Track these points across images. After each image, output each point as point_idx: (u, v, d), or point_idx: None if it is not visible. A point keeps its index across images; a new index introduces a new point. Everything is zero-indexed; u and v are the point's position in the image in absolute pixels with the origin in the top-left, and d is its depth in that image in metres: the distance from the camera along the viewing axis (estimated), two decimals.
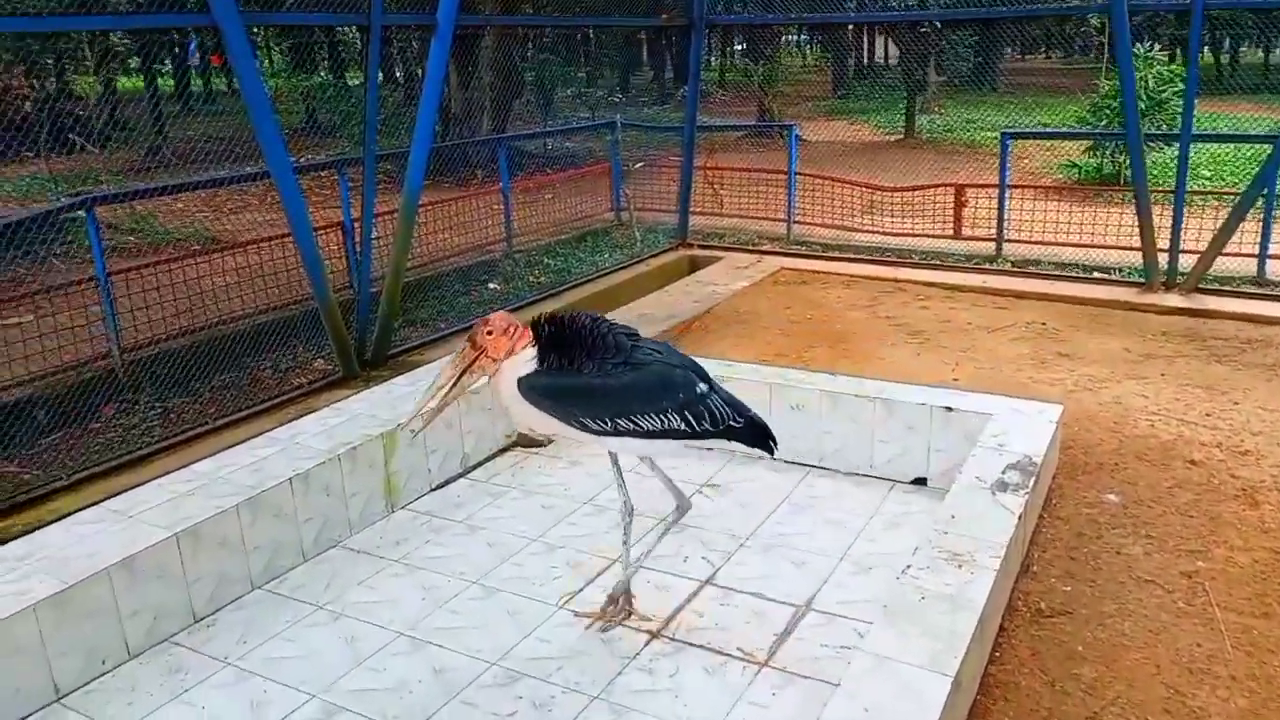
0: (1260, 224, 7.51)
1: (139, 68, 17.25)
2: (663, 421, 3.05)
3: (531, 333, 3.03)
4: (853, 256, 8.26)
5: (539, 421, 3.10)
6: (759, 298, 6.93)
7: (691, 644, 3.18)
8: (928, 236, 9.04)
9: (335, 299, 5.31)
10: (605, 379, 2.99)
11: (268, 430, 4.23)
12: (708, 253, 8.39)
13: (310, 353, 6.27)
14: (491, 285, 8.09)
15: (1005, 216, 8.38)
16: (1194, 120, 6.69)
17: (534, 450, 4.71)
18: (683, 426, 3.08)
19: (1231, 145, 12.31)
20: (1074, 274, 7.60)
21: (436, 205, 8.59)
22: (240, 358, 6.03)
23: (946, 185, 9.26)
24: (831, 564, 3.63)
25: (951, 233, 9.00)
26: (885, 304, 6.64)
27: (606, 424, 3.03)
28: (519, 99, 15.49)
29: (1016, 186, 9.07)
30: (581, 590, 3.51)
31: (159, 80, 18.86)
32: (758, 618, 3.31)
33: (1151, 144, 10.36)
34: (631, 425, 3.03)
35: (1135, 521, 3.80)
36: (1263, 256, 7.53)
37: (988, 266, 7.77)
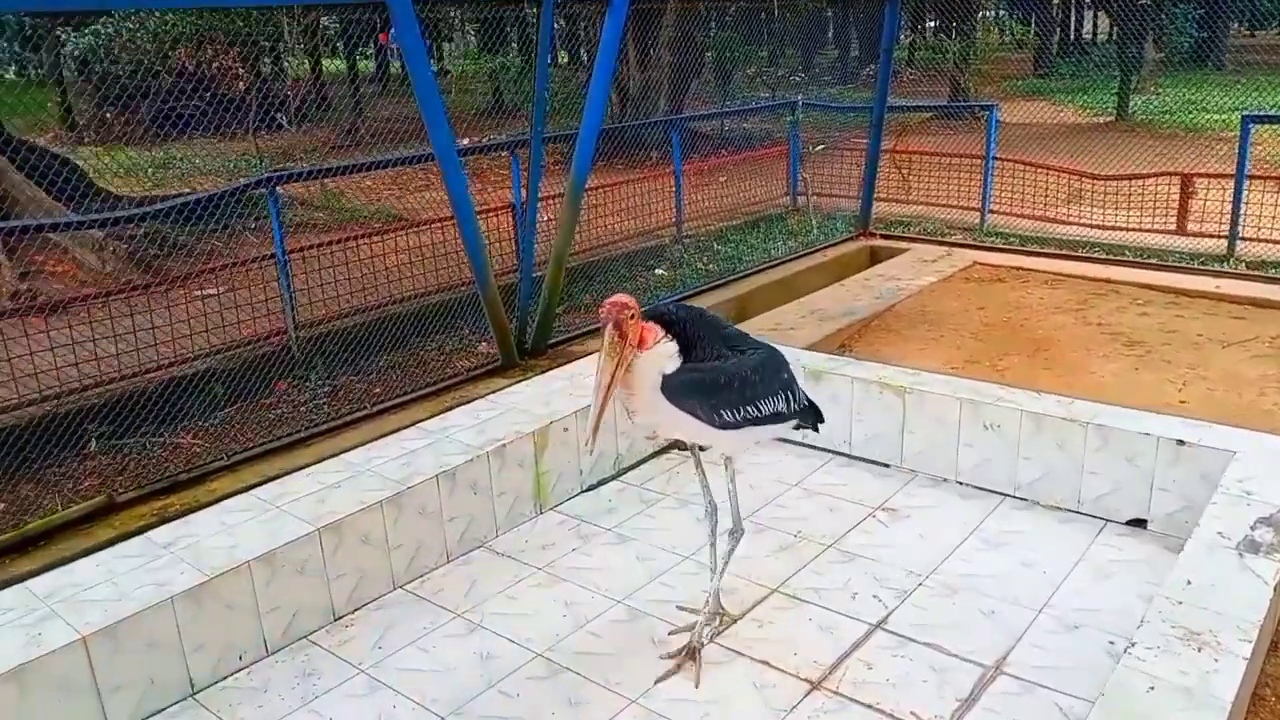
0: None
1: (344, 50, 18.06)
2: (774, 403, 2.87)
3: (662, 325, 2.71)
4: (1055, 252, 7.45)
5: (678, 423, 2.79)
6: (948, 295, 6.32)
7: (857, 701, 2.77)
8: (1145, 231, 8.06)
9: (497, 286, 5.17)
10: (740, 366, 2.76)
11: (421, 421, 4.12)
12: (891, 243, 7.79)
13: (475, 336, 6.21)
14: (659, 271, 7.82)
15: (1241, 211, 7.34)
16: None
17: (687, 454, 4.40)
18: (785, 408, 2.92)
19: None
20: None
21: (606, 188, 8.40)
22: (409, 338, 6.03)
23: (1170, 174, 8.22)
24: (1028, 617, 3.12)
25: (1174, 228, 7.98)
26: (1096, 308, 5.89)
27: (739, 413, 2.79)
28: (697, 79, 15.13)
29: (1256, 177, 7.93)
30: (735, 623, 3.17)
31: (360, 63, 19.77)
32: (937, 676, 2.86)
33: None
34: (756, 412, 2.82)
35: None
36: None
37: (1220, 269, 6.81)
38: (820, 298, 6.28)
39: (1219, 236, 7.54)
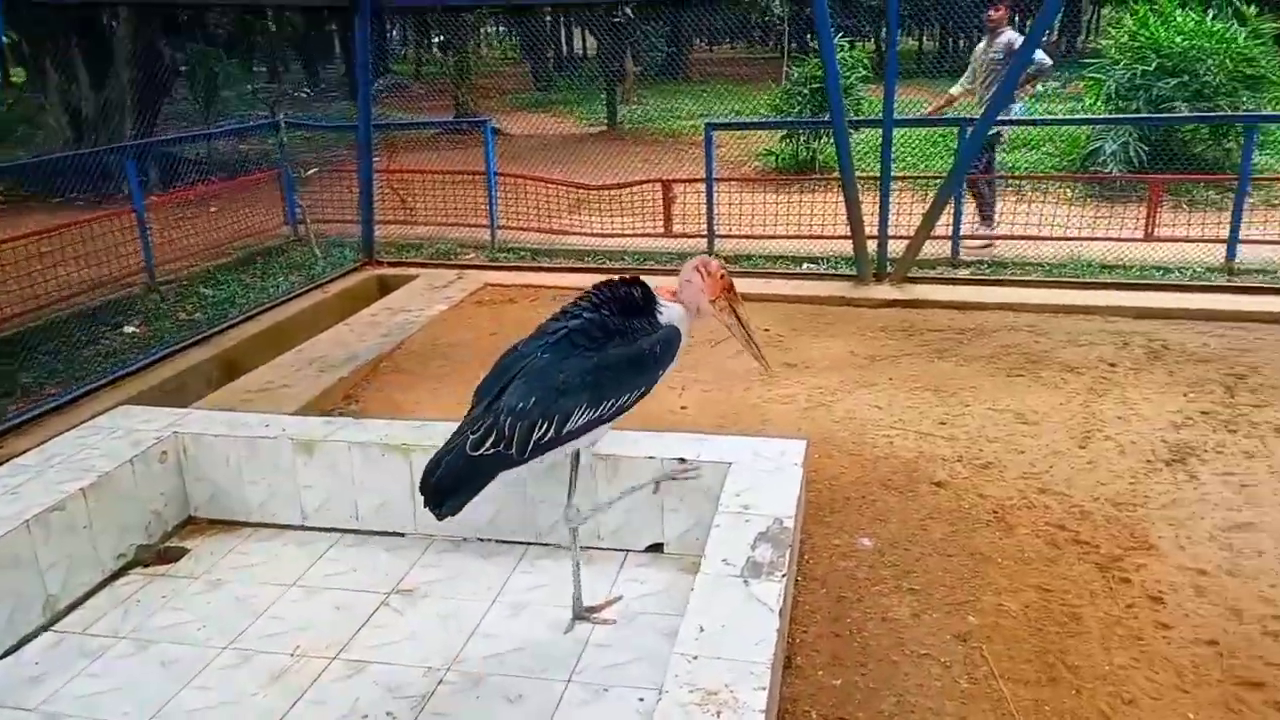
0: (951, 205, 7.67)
1: None
2: None
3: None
4: (564, 265, 7.55)
5: None
6: (460, 324, 6.01)
7: None
8: (639, 235, 8.55)
9: None
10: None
11: None
12: (400, 270, 7.32)
13: None
14: (128, 329, 6.54)
15: (715, 211, 8.05)
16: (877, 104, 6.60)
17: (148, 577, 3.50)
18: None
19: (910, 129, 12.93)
20: (786, 269, 7.36)
21: (50, 234, 6.88)
22: None
23: (652, 181, 8.80)
24: (558, 690, 2.81)
25: (663, 230, 8.56)
26: None
27: None
28: (166, 97, 13.35)
29: (723, 180, 8.78)
30: None
31: None
32: None
33: (858, 129, 10.52)
34: None
35: (895, 571, 3.31)
36: (955, 238, 7.71)
37: None
38: (322, 342, 5.60)
39: (700, 235, 8.20)
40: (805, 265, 7.62)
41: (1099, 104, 10.53)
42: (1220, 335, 5.44)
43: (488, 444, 2.70)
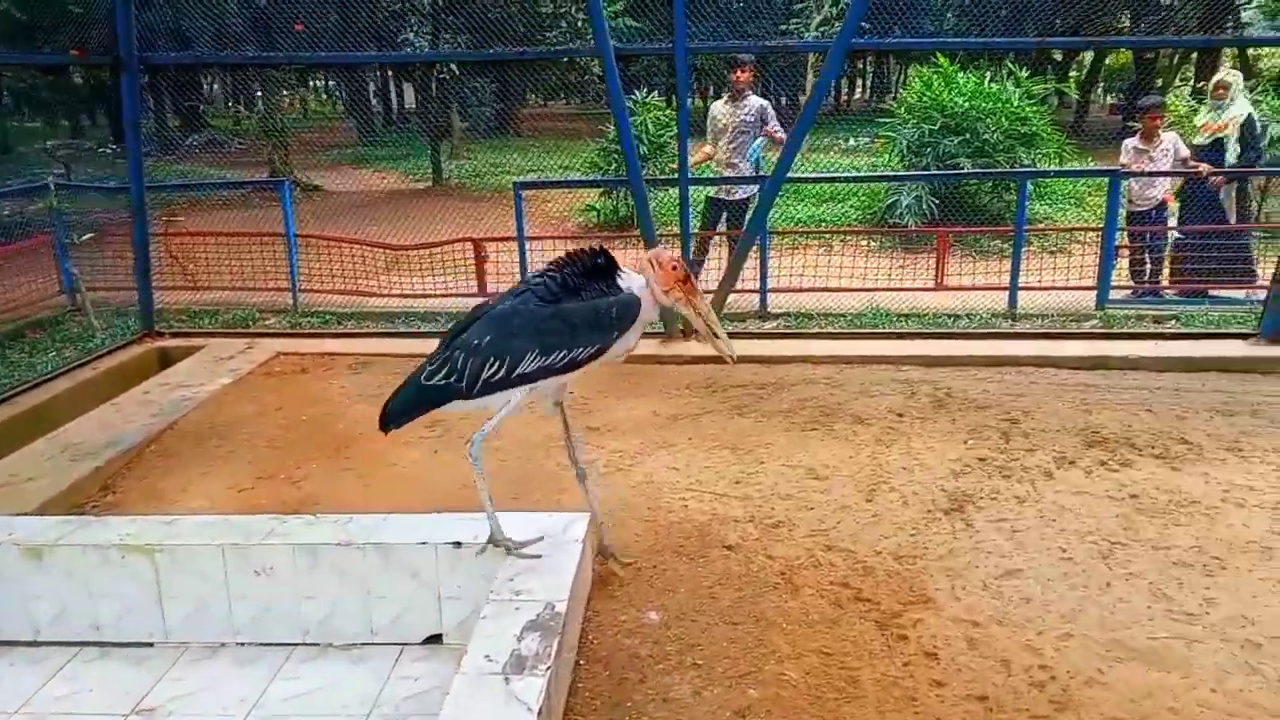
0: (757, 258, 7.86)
1: None
2: None
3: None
4: (366, 330, 7.22)
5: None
6: (244, 398, 5.60)
7: None
8: (452, 296, 8.33)
9: None
10: None
11: None
12: (184, 341, 6.79)
13: None
14: None
15: (528, 269, 7.94)
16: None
17: None
18: None
19: None
20: None
21: None
22: None
23: (462, 240, 8.62)
24: None
25: (476, 289, 8.38)
26: None
27: None
28: None
29: (534, 238, 8.71)
30: None
31: None
32: None
33: (656, 187, 10.70)
34: None
35: (680, 645, 3.21)
36: (763, 291, 7.88)
37: None
38: (82, 426, 5.08)
39: None
40: None
41: (895, 160, 11.17)
42: (999, 380, 5.73)
43: (439, 376, 3.00)
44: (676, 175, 6.60)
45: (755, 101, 8.04)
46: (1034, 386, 5.61)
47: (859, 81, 39.08)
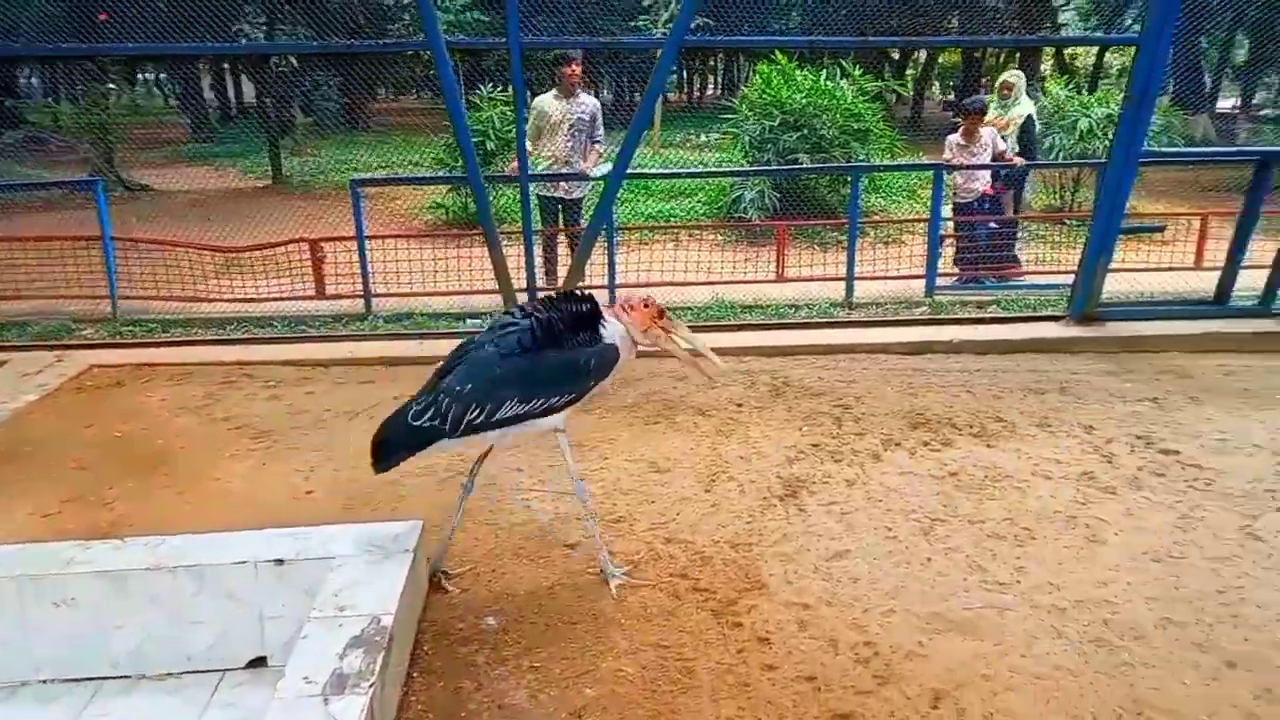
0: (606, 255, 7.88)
1: None
2: None
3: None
4: (195, 338, 6.82)
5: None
6: (51, 415, 5.19)
7: None
8: (289, 299, 7.99)
9: None
10: None
11: None
12: None
13: None
14: None
15: (369, 269, 7.70)
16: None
17: None
18: None
19: None
20: (449, 327, 7.15)
21: None
22: None
23: (298, 241, 8.28)
24: None
25: (314, 292, 8.06)
26: (225, 400, 5.38)
27: None
28: None
29: (375, 237, 8.45)
30: None
31: None
32: None
33: (497, 185, 10.58)
34: None
35: (518, 649, 3.17)
36: (612, 287, 7.91)
37: (356, 332, 6.94)
38: None
39: (357, 296, 7.80)
40: (469, 322, 7.46)
41: (740, 155, 11.42)
42: (834, 368, 5.93)
43: (425, 417, 3.10)
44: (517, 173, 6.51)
45: (591, 101, 8.04)
46: (866, 373, 5.84)
47: (710, 78, 39.86)
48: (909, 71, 29.01)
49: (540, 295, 3.38)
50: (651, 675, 3.03)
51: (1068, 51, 26.04)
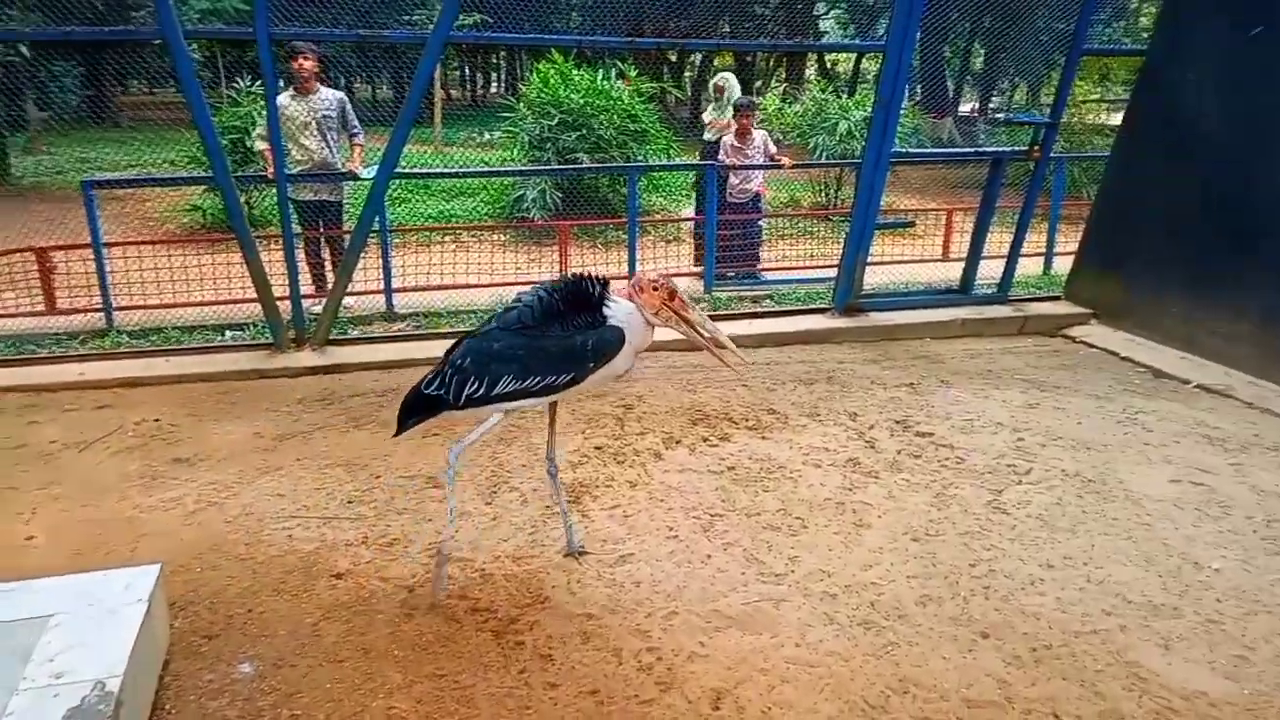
0: (381, 258, 7.52)
1: None
2: None
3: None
4: None
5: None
6: None
7: None
8: (14, 316, 7.07)
9: None
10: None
11: None
12: None
13: None
14: None
15: (109, 281, 6.95)
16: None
17: None
18: None
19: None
20: (203, 341, 6.56)
21: None
22: None
23: (21, 250, 7.35)
24: None
25: (44, 308, 7.18)
26: None
27: None
28: None
29: (117, 244, 7.66)
30: None
31: None
32: None
33: (248, 186, 9.92)
34: None
35: (278, 696, 2.89)
36: (388, 291, 7.57)
37: (94, 350, 6.22)
38: None
39: (95, 310, 7.03)
40: (229, 335, 6.89)
41: (520, 154, 11.27)
42: None
43: (433, 387, 3.18)
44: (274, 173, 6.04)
45: (331, 94, 7.60)
46: (648, 371, 5.87)
47: (493, 75, 39.38)
48: (686, 74, 29.88)
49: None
50: (427, 709, 2.85)
51: (829, 57, 27.72)
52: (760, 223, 9.27)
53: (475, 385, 3.11)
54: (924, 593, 3.50)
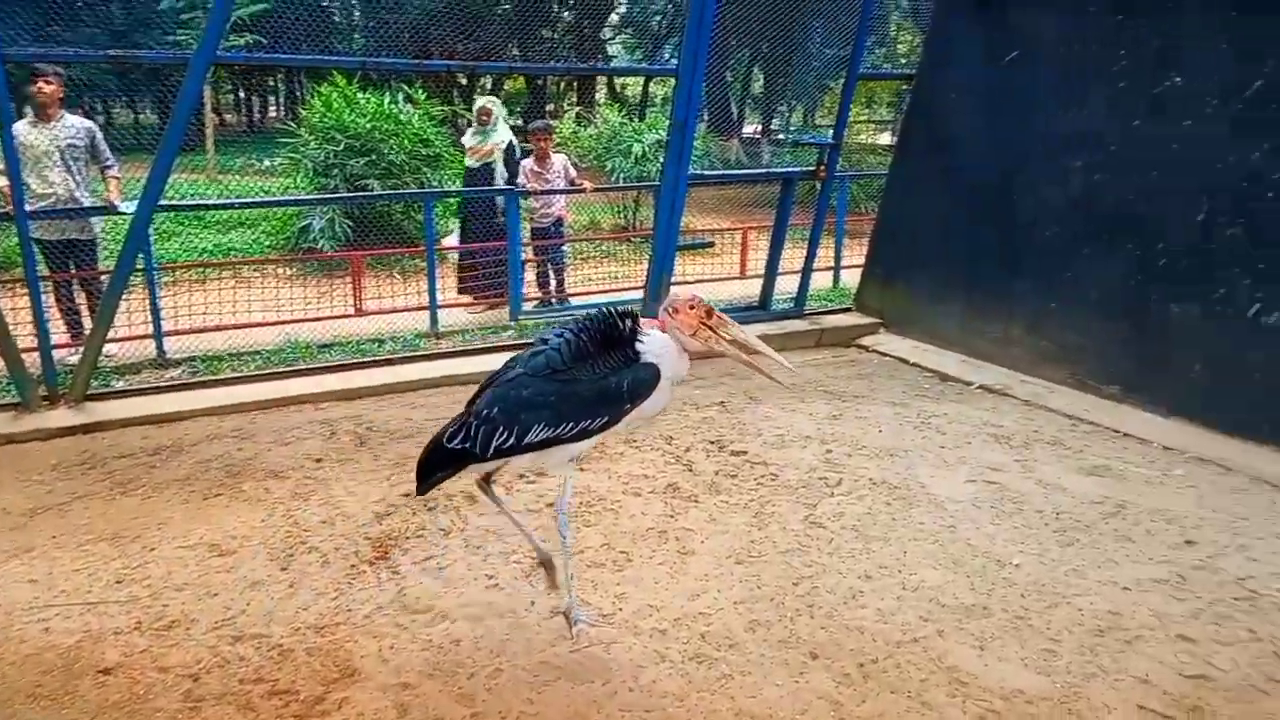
0: (149, 298, 6.83)
1: None
2: None
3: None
4: None
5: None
6: None
7: None
8: None
9: None
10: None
11: None
12: None
13: None
14: None
15: None
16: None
17: None
18: None
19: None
20: None
21: None
22: None
23: None
24: None
25: None
26: None
27: None
28: None
29: None
30: None
31: None
32: None
33: None
34: None
35: None
36: (158, 335, 6.88)
37: None
38: None
39: None
40: None
41: (305, 181, 10.64)
42: (422, 405, 5.62)
43: (457, 440, 3.00)
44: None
45: (78, 122, 6.84)
46: (456, 406, 5.55)
47: (271, 99, 37.36)
48: (477, 97, 29.56)
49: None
50: None
51: (618, 81, 28.23)
52: (564, 247, 9.18)
53: (505, 435, 2.97)
54: (752, 617, 3.46)
